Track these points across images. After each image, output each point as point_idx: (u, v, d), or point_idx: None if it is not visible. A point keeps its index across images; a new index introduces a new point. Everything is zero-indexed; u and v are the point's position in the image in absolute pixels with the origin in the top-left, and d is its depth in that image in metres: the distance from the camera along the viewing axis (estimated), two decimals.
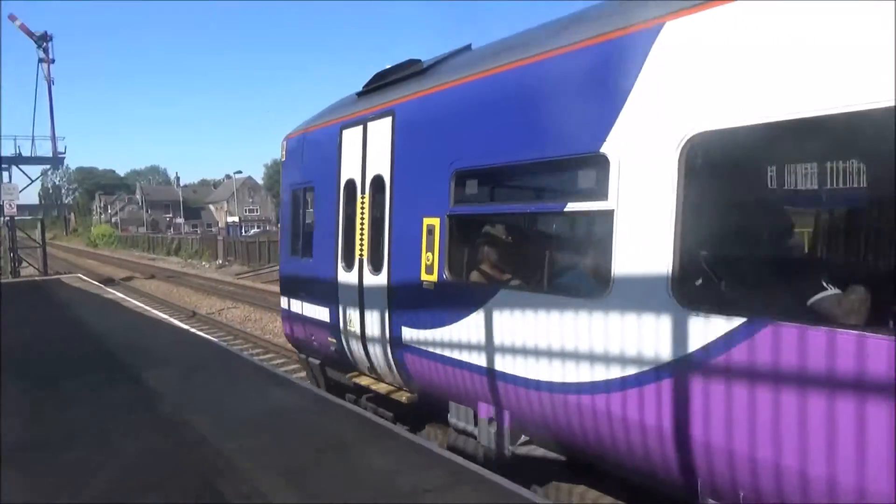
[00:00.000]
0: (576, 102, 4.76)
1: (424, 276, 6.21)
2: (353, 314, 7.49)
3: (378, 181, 7.11)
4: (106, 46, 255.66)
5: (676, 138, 3.98)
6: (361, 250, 7.36)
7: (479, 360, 5.59)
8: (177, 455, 5.90)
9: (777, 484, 3.51)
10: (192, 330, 13.49)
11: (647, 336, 4.09)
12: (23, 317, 15.52)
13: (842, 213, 4.49)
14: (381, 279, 6.93)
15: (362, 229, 7.35)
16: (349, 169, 7.69)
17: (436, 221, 6.09)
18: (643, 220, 4.18)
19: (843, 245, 4.20)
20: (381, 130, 7.07)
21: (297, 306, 9.00)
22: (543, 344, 4.91)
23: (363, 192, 7.35)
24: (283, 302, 9.57)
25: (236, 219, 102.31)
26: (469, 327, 5.66)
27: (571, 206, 4.93)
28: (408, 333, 6.53)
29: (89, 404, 7.63)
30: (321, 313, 8.25)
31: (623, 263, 4.28)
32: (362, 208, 7.37)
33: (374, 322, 7.10)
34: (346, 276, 7.62)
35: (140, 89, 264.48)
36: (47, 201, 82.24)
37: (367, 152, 7.32)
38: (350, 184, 7.66)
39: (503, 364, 5.33)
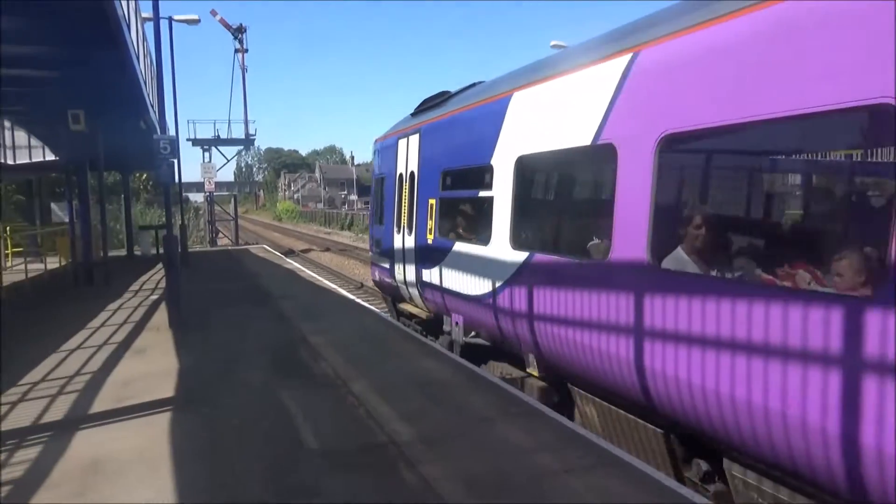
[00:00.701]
0: (483, 134, 7.96)
1: (428, 236, 9.70)
2: (400, 262, 11.06)
3: (412, 175, 10.61)
4: (290, 35, 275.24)
5: (513, 157, 7.19)
6: (403, 220, 10.90)
7: (449, 285, 8.92)
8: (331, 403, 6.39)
9: (552, 343, 6.40)
10: (359, 300, 14.34)
11: (500, 264, 7.31)
12: (216, 278, 17.45)
13: (591, 199, 7.59)
14: (411, 239, 10.41)
15: (404, 206, 10.91)
16: (400, 166, 11.28)
17: (434, 201, 9.58)
18: (502, 202, 7.40)
19: (598, 216, 6.38)
20: (414, 142, 10.61)
21: (378, 259, 12.71)
22: (469, 272, 8.23)
23: (405, 181, 10.93)
24: (372, 257, 13.66)
25: None
26: (445, 266, 9.06)
27: (481, 193, 8.12)
28: (424, 274, 9.94)
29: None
30: (387, 263, 11.86)
31: (496, 225, 7.52)
32: (404, 192, 10.93)
33: (408, 267, 10.62)
34: (397, 238, 11.19)
35: (320, 74, 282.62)
36: (240, 179, 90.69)
37: (408, 156, 10.87)
38: (400, 176, 11.21)
39: (457, 287, 8.65)
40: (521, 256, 6.90)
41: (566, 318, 6.01)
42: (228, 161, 43.72)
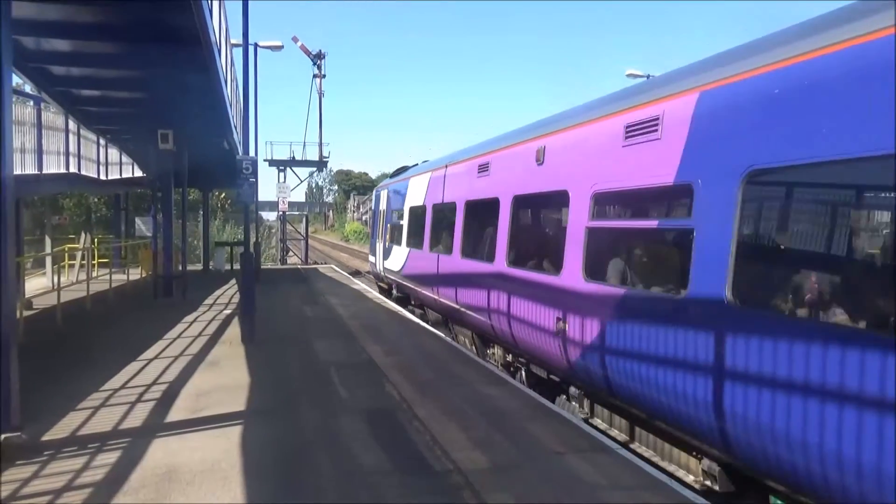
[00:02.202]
0: (402, 195, 17.57)
1: (386, 243, 19.60)
2: (379, 258, 20.77)
3: (383, 212, 20.66)
4: (360, 60, 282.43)
5: (409, 207, 16.70)
6: (379, 235, 21.05)
7: (392, 268, 18.39)
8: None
9: (417, 289, 15.60)
10: (427, 326, 14.38)
11: (402, 255, 17.02)
12: (288, 295, 17.85)
13: (422, 226, 14.95)
14: (382, 245, 20.36)
15: (380, 228, 21.09)
16: (381, 206, 21.41)
17: (390, 225, 19.43)
18: (407, 227, 16.79)
19: (423, 233, 14.64)
20: (385, 194, 20.66)
21: (371, 257, 23.28)
22: (396, 260, 17.91)
23: (381, 215, 21.10)
24: (369, 257, 25.00)
25: None
26: (390, 258, 18.66)
27: (401, 222, 17.51)
28: (385, 263, 19.57)
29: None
30: (374, 258, 22.15)
31: (404, 237, 16.91)
32: (381, 220, 21.18)
33: (380, 260, 20.66)
34: (378, 245, 21.16)
35: (390, 100, 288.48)
36: (311, 199, 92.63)
37: (383, 201, 20.82)
38: (380, 211, 21.46)
39: (392, 268, 18.37)
40: (408, 251, 15.90)
41: (423, 278, 14.21)
42: (302, 182, 45.00)
